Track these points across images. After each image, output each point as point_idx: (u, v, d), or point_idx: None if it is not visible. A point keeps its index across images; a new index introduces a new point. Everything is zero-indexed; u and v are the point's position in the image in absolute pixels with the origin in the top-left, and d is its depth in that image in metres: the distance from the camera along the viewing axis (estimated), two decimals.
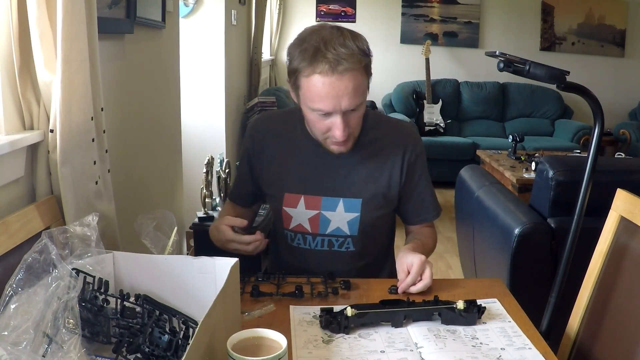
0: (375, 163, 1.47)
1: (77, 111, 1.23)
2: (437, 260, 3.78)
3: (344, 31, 1.30)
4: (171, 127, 2.56)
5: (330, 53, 1.24)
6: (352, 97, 1.28)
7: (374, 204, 1.48)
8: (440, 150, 5.50)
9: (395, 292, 1.32)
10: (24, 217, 1.12)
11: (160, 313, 1.00)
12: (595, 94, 1.30)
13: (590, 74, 5.99)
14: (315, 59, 1.25)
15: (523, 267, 2.06)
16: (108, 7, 1.69)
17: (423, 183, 1.53)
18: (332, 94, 1.26)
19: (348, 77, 1.26)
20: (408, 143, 1.49)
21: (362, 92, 1.31)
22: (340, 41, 1.26)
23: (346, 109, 1.30)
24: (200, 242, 2.61)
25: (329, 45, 1.25)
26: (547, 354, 1.07)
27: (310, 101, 1.30)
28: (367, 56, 1.30)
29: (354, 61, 1.26)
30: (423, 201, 1.55)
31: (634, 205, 1.25)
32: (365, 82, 1.32)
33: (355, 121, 1.35)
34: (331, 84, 1.25)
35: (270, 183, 1.52)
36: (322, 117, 1.32)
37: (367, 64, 1.30)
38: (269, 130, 1.53)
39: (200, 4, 3.66)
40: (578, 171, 1.36)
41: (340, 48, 1.25)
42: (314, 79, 1.26)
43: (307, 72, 1.27)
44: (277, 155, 1.51)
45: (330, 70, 1.24)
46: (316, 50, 1.25)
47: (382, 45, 6.41)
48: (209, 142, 3.54)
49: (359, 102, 1.31)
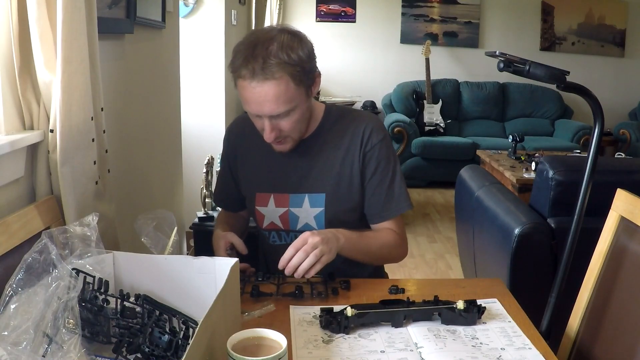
0: (338, 158, 1.47)
1: (77, 111, 1.23)
2: (437, 260, 3.79)
3: (280, 38, 1.29)
4: (171, 127, 2.56)
5: (254, 60, 1.25)
6: (273, 104, 1.29)
7: (338, 198, 1.47)
8: (440, 150, 5.50)
9: (395, 292, 1.32)
10: (24, 217, 1.12)
11: (160, 313, 1.00)
12: (595, 94, 1.30)
13: (590, 74, 6.00)
14: (243, 66, 1.27)
15: (523, 267, 2.06)
16: (108, 7, 1.69)
17: (381, 175, 1.46)
18: (254, 99, 1.29)
19: (269, 85, 1.27)
20: (366, 131, 1.46)
21: (288, 99, 1.30)
22: (269, 48, 1.26)
23: (270, 115, 1.31)
24: (200, 242, 2.61)
25: (255, 51, 1.26)
26: (547, 354, 1.07)
27: (242, 103, 1.34)
28: (295, 64, 1.28)
29: (276, 70, 1.26)
30: (380, 195, 1.47)
31: (634, 205, 1.25)
32: (293, 91, 1.30)
33: (288, 126, 1.35)
34: (252, 90, 1.28)
35: (244, 184, 1.56)
36: (255, 117, 1.36)
37: (294, 72, 1.28)
38: (242, 133, 1.56)
39: (200, 4, 3.66)
40: (578, 171, 1.36)
41: (267, 55, 1.25)
42: (240, 82, 1.30)
43: (235, 75, 1.30)
44: (249, 157, 1.54)
45: (251, 76, 1.26)
46: (246, 57, 1.27)
47: (382, 45, 6.42)
48: (209, 142, 3.54)
49: (283, 110, 1.31)
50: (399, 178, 1.49)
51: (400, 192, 1.49)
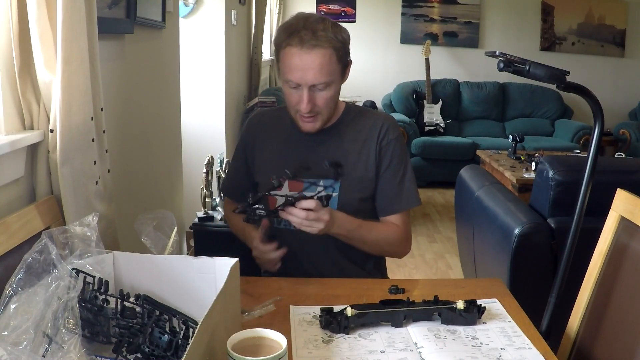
0: (355, 149, 1.54)
1: (77, 111, 1.23)
2: (437, 260, 3.79)
3: (327, 20, 1.43)
4: (171, 127, 2.56)
5: (305, 31, 1.38)
6: (317, 72, 1.39)
7: (352, 187, 1.52)
8: (440, 150, 5.50)
9: (395, 292, 1.33)
10: (24, 217, 1.12)
11: (160, 313, 1.00)
12: (595, 94, 1.30)
13: (590, 74, 5.99)
14: (291, 34, 1.39)
15: (523, 267, 2.06)
16: (108, 7, 1.69)
17: (393, 169, 1.54)
18: (300, 66, 1.39)
19: (316, 53, 1.38)
20: (383, 127, 1.55)
21: (330, 72, 1.41)
22: (318, 25, 1.40)
23: (312, 84, 1.41)
24: (200, 242, 2.61)
25: (306, 24, 1.39)
26: (547, 354, 1.08)
27: (283, 73, 1.44)
28: (339, 42, 1.42)
29: (324, 41, 1.39)
30: (391, 189, 1.54)
31: (634, 205, 1.25)
32: (335, 65, 1.42)
33: (322, 101, 1.45)
34: (300, 56, 1.39)
35: (260, 170, 1.60)
36: (292, 90, 1.44)
37: (338, 47, 1.41)
38: (262, 123, 1.65)
39: (200, 4, 3.66)
40: (578, 171, 1.36)
41: (317, 29, 1.38)
42: (287, 50, 1.40)
43: (284, 45, 1.41)
44: (267, 144, 1.60)
45: (300, 43, 1.38)
46: (294, 27, 1.40)
47: (382, 45, 6.42)
48: (209, 142, 3.54)
49: (324, 80, 1.41)
50: (410, 175, 1.57)
51: (410, 189, 1.57)
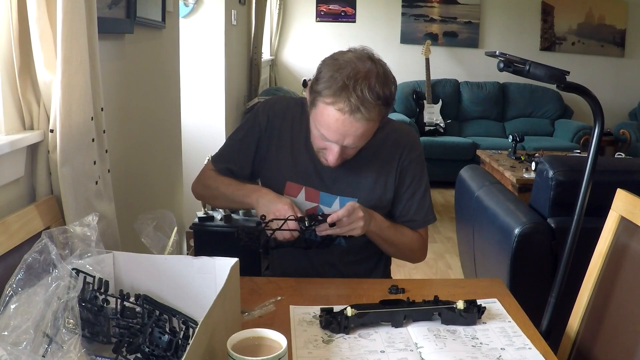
0: (374, 166, 1.50)
1: (77, 111, 1.23)
2: (437, 260, 3.79)
3: (379, 70, 1.30)
4: (171, 127, 2.56)
5: (355, 95, 1.26)
6: (356, 139, 1.33)
7: (369, 205, 1.48)
8: (440, 150, 5.50)
9: (395, 292, 1.33)
10: (24, 217, 1.12)
11: (160, 313, 1.00)
12: (595, 94, 1.30)
13: (590, 74, 6.00)
14: (339, 95, 1.27)
15: (523, 267, 2.06)
16: (108, 7, 1.69)
17: (414, 188, 1.52)
18: (341, 131, 1.30)
19: (361, 124, 1.29)
20: (405, 147, 1.51)
21: (369, 136, 1.36)
22: (370, 83, 1.27)
23: (347, 146, 1.35)
24: (200, 242, 2.61)
25: (357, 85, 1.26)
26: (547, 354, 1.08)
27: (319, 124, 1.33)
28: (385, 105, 1.31)
29: (373, 112, 1.29)
30: (411, 207, 1.53)
31: (634, 205, 1.25)
32: (375, 127, 1.35)
33: (352, 152, 1.40)
34: (343, 122, 1.29)
35: (274, 168, 1.53)
36: (323, 138, 1.36)
37: (383, 111, 1.32)
38: (284, 116, 1.54)
39: (200, 4, 3.66)
40: (578, 171, 1.36)
41: (366, 92, 1.26)
42: (330, 110, 1.29)
43: (328, 101, 1.29)
44: (287, 143, 1.52)
45: (348, 111, 1.27)
46: (344, 87, 1.26)
47: (382, 45, 6.40)
48: (209, 142, 3.54)
49: (361, 145, 1.37)
50: (429, 192, 1.56)
51: (429, 206, 1.56)
